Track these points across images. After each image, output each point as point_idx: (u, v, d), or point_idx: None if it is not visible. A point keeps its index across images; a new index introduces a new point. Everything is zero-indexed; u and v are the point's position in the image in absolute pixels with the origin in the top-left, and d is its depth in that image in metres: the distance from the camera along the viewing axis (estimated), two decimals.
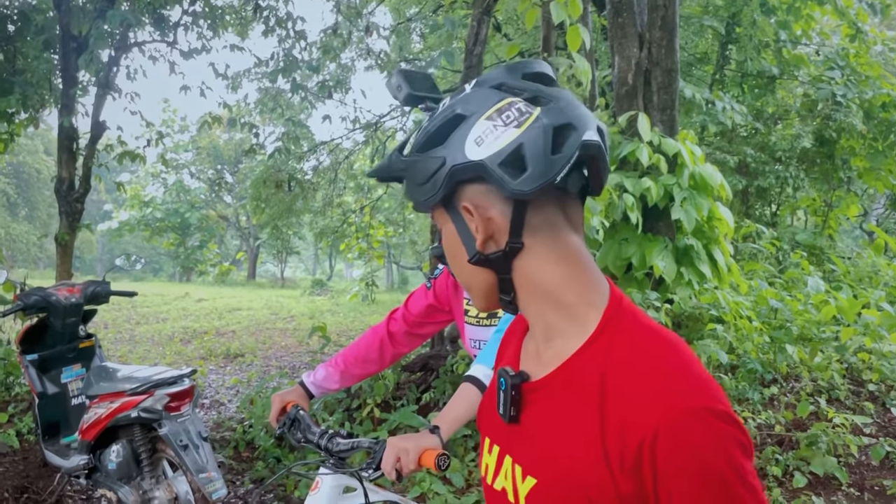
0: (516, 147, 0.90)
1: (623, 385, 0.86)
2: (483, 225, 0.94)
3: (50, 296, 4.08)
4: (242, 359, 10.46)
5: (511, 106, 0.92)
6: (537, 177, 0.90)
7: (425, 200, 0.97)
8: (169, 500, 3.65)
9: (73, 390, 4.19)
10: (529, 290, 0.97)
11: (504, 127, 0.91)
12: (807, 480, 3.80)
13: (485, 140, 0.91)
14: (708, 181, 5.79)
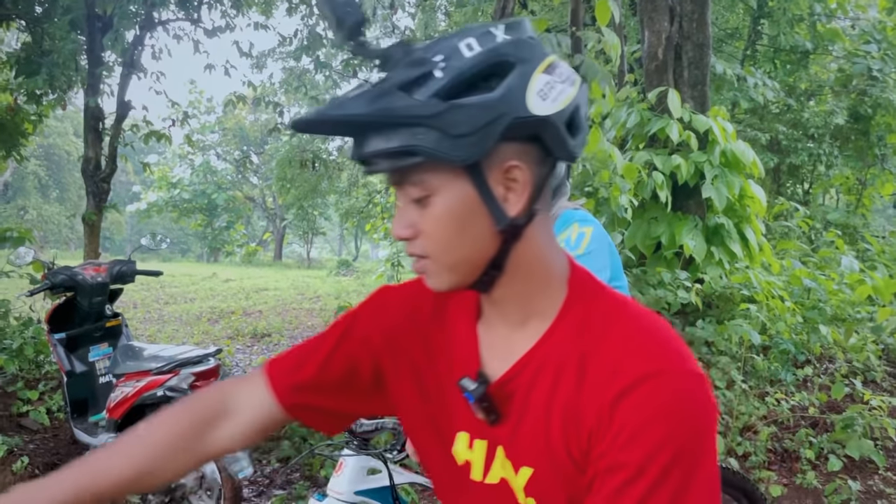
0: (575, 108, 0.85)
1: (602, 363, 0.83)
2: (523, 190, 0.85)
3: (77, 275, 4.10)
4: (269, 338, 10.52)
5: (559, 63, 0.86)
6: (585, 141, 0.88)
7: (462, 156, 0.81)
8: (195, 479, 3.66)
9: (101, 369, 4.22)
10: (521, 265, 0.89)
11: (562, 84, 0.84)
12: (842, 464, 3.71)
13: (549, 95, 0.83)
14: (740, 158, 5.65)
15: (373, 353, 1.04)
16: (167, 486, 3.64)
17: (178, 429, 1.00)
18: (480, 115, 0.81)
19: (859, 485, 3.55)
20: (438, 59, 0.82)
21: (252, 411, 1.03)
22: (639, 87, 6.09)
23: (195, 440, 1.00)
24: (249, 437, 1.04)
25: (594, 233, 1.90)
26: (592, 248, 1.87)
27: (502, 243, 0.87)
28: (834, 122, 8.52)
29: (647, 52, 6.01)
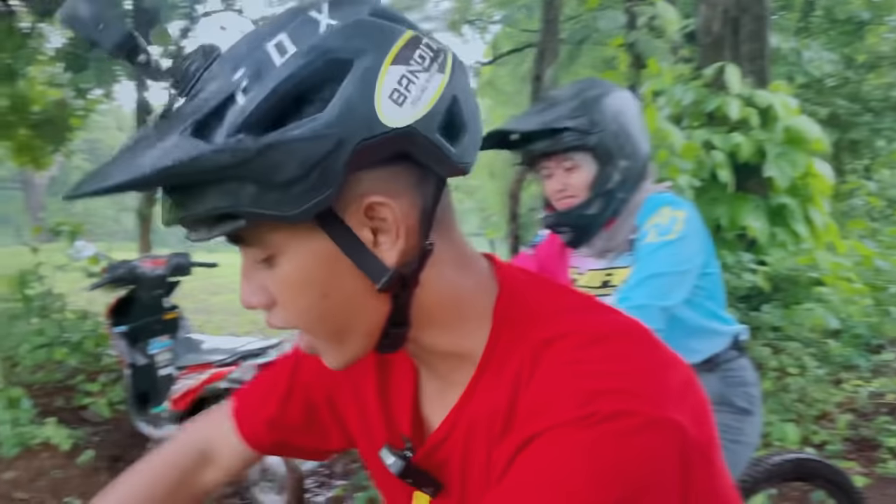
0: (451, 102, 0.62)
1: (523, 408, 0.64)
2: (401, 224, 0.64)
3: (136, 268, 4.10)
4: None
5: (417, 42, 0.62)
6: (478, 142, 0.66)
7: (298, 209, 0.60)
8: (259, 471, 3.65)
9: (161, 361, 4.22)
10: (431, 311, 0.69)
11: (426, 73, 0.61)
12: None
13: (408, 95, 0.60)
14: (803, 135, 5.43)
15: (325, 387, 0.92)
16: None
17: (160, 482, 0.95)
18: (311, 150, 0.58)
19: None
20: (240, 74, 0.59)
21: (230, 456, 0.99)
22: (693, 64, 5.89)
23: (179, 491, 0.95)
24: (233, 476, 1.02)
25: (687, 216, 1.78)
26: (686, 233, 1.76)
27: (393, 298, 0.67)
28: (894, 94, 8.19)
29: (702, 26, 5.81)
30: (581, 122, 1.80)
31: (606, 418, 0.58)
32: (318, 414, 0.94)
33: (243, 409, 1.00)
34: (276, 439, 0.98)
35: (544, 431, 0.60)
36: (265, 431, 0.98)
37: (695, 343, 1.89)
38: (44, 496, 3.58)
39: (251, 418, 0.98)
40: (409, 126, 0.60)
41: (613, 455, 0.57)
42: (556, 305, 0.70)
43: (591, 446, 0.58)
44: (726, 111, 5.24)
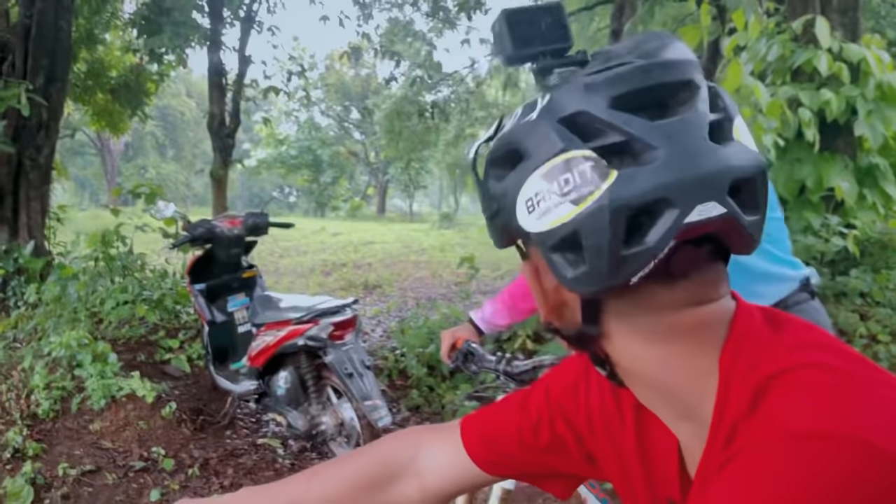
0: (571, 232, 0.64)
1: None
2: (549, 294, 0.73)
3: (215, 227, 4.17)
4: (381, 289, 10.68)
5: (573, 166, 0.63)
6: (599, 277, 0.64)
7: (502, 237, 0.73)
8: (335, 426, 3.70)
9: (239, 319, 4.32)
10: (631, 373, 0.74)
11: (560, 197, 0.64)
12: None
13: (537, 208, 0.65)
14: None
15: (578, 433, 0.91)
16: (308, 432, 3.70)
17: (365, 475, 0.99)
18: (489, 203, 0.72)
19: None
20: (504, 129, 0.72)
21: (440, 476, 0.99)
22: (779, 17, 5.60)
23: (379, 491, 0.99)
24: (436, 497, 1.00)
25: None
26: None
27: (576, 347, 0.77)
28: None
29: None
30: None
31: (828, 438, 0.55)
32: (565, 442, 0.92)
33: (477, 428, 1.00)
34: (504, 461, 0.97)
35: (759, 442, 0.59)
36: (496, 451, 0.97)
37: (761, 288, 1.87)
38: (130, 445, 3.72)
39: (483, 436, 0.98)
40: (531, 232, 0.67)
41: (829, 479, 0.54)
42: (788, 342, 0.67)
43: (806, 463, 0.55)
44: (815, 66, 4.98)
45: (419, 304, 8.45)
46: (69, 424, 3.80)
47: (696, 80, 0.66)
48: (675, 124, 0.62)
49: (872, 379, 0.61)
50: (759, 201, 0.66)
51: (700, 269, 0.68)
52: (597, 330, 0.71)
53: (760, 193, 0.66)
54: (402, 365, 5.07)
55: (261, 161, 30.66)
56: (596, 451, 0.90)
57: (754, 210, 0.66)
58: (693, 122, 0.63)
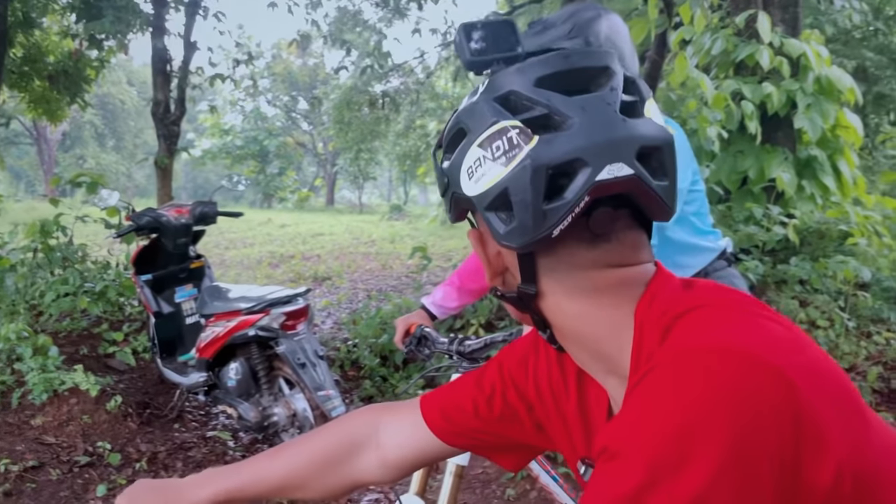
0: (502, 191, 0.73)
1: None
2: (492, 259, 0.83)
3: (161, 216, 4.08)
4: (330, 282, 10.60)
5: (502, 134, 0.73)
6: (525, 231, 0.73)
7: (450, 207, 0.82)
8: (287, 417, 3.67)
9: (187, 310, 4.23)
10: (562, 330, 0.82)
11: (492, 161, 0.74)
12: None
13: (475, 173, 0.76)
14: (835, 85, 5.30)
15: (529, 402, 0.99)
16: (259, 424, 3.65)
17: (330, 447, 1.04)
18: (441, 179, 0.82)
19: None
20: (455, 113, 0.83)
21: (399, 448, 1.04)
22: (722, 12, 5.73)
23: (341, 465, 1.03)
24: (392, 474, 1.06)
25: (678, 135, 1.85)
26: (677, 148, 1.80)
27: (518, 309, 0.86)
28: None
29: None
30: (576, 42, 1.81)
31: (720, 352, 0.65)
32: (517, 411, 0.99)
33: (436, 402, 1.04)
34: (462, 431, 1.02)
35: (661, 363, 0.67)
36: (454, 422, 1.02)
37: (685, 259, 1.97)
38: (74, 440, 3.61)
39: (442, 409, 1.03)
40: (471, 196, 0.76)
41: (721, 384, 0.62)
42: (696, 293, 0.76)
43: (702, 372, 0.63)
44: (757, 60, 5.11)
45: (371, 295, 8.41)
46: (10, 419, 3.68)
47: (613, 67, 0.76)
48: (590, 99, 0.73)
49: (763, 315, 0.72)
50: (666, 169, 0.75)
51: (620, 233, 0.77)
52: (533, 289, 0.79)
53: (668, 162, 0.75)
54: (355, 356, 5.05)
55: (206, 151, 30.03)
56: (545, 419, 0.97)
57: (663, 176, 0.75)
58: (606, 99, 0.73)
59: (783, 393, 0.62)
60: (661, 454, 0.60)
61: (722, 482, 0.58)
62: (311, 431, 1.10)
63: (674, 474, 0.59)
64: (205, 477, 1.04)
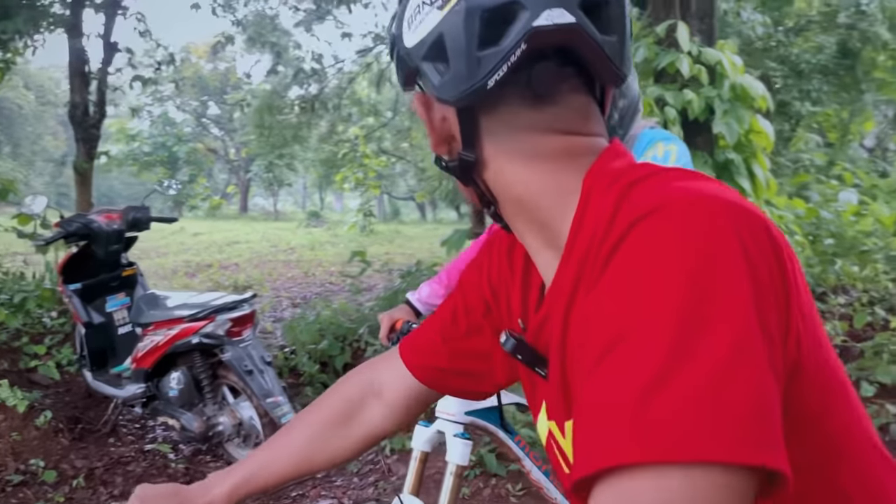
0: (437, 37, 0.69)
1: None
2: (437, 125, 0.76)
3: (92, 222, 3.91)
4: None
5: None
6: (459, 81, 0.68)
7: (399, 78, 0.78)
8: (233, 426, 3.59)
9: (119, 319, 4.08)
10: (504, 201, 0.77)
11: (429, 6, 0.69)
12: (874, 389, 3.79)
13: (413, 21, 0.72)
14: (749, 92, 5.61)
15: (486, 304, 0.95)
16: (204, 434, 3.56)
17: (330, 413, 1.02)
18: (392, 49, 0.78)
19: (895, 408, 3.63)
20: None
21: (396, 389, 1.01)
22: (644, 21, 5.97)
23: (347, 424, 1.01)
24: (399, 416, 1.03)
25: (679, 150, 1.93)
26: (680, 164, 1.92)
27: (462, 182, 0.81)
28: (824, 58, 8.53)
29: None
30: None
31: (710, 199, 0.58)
32: (479, 322, 0.95)
33: (411, 342, 1.02)
34: (432, 362, 0.99)
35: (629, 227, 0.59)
36: (424, 354, 1.00)
37: None
38: (5, 459, 3.42)
39: (416, 349, 1.01)
40: (411, 48, 0.72)
41: (678, 227, 0.56)
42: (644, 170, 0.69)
43: (703, 216, 0.57)
44: (678, 68, 5.35)
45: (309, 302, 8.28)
46: None
47: None
48: None
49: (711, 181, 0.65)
50: (613, 24, 0.69)
51: (567, 96, 0.72)
52: (473, 155, 0.74)
53: (615, 17, 0.69)
54: (293, 363, 4.97)
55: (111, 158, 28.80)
56: (499, 320, 0.93)
57: (609, 31, 0.69)
58: None
59: (770, 233, 0.58)
60: (681, 316, 0.52)
61: (751, 324, 0.52)
62: (312, 404, 1.06)
63: (702, 331, 0.51)
64: (215, 478, 1.01)
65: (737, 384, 0.50)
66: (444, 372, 0.99)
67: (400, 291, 5.36)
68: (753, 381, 0.51)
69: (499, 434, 2.02)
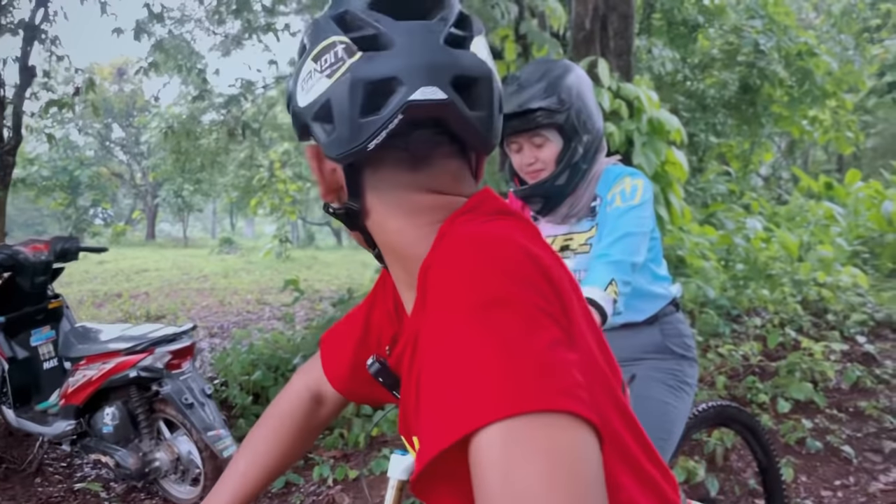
0: (325, 102, 0.78)
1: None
2: (327, 176, 0.86)
3: (18, 253, 3.74)
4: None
5: (331, 48, 0.78)
6: (343, 142, 0.78)
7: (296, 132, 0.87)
8: (170, 461, 3.49)
9: (45, 354, 3.90)
10: (383, 246, 0.87)
11: (320, 74, 0.79)
12: (790, 406, 4.04)
13: (305, 86, 0.81)
14: (665, 126, 5.93)
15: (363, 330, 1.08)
16: (140, 471, 3.45)
17: (286, 428, 1.12)
18: (288, 103, 0.86)
19: (810, 423, 3.89)
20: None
21: (334, 394, 1.14)
22: (567, 56, 6.23)
23: (304, 430, 1.13)
24: (340, 409, 1.18)
25: (644, 185, 2.00)
26: (645, 199, 1.98)
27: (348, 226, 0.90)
28: (728, 93, 9.08)
29: (575, 23, 6.16)
30: (551, 101, 1.97)
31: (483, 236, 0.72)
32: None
33: (328, 354, 1.13)
34: (351, 385, 1.10)
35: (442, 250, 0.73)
36: (347, 376, 1.10)
37: (642, 304, 2.11)
38: None
39: (335, 363, 1.12)
40: (303, 108, 0.81)
41: (473, 260, 0.68)
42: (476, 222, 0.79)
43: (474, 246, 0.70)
44: (600, 102, 5.60)
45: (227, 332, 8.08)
46: None
47: (449, 1, 0.81)
48: (417, 25, 0.77)
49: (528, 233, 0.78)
50: (483, 101, 0.79)
51: (441, 161, 0.82)
52: (358, 205, 0.84)
53: (485, 95, 0.80)
54: (224, 395, 4.86)
55: None
56: (367, 347, 1.06)
57: (477, 107, 0.79)
58: (432, 28, 0.77)
59: (529, 253, 0.69)
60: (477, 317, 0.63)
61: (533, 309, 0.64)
62: (258, 423, 1.15)
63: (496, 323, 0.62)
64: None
65: (531, 352, 0.61)
66: (352, 383, 1.10)
67: (334, 319, 5.34)
68: (542, 347, 0.61)
69: None
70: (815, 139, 10.86)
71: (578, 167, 2.03)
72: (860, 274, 5.34)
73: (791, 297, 5.28)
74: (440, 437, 0.60)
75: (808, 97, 9.37)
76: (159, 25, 7.81)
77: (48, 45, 6.17)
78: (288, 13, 8.59)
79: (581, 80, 2.02)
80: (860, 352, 4.68)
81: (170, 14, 7.74)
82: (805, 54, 9.24)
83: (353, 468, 3.82)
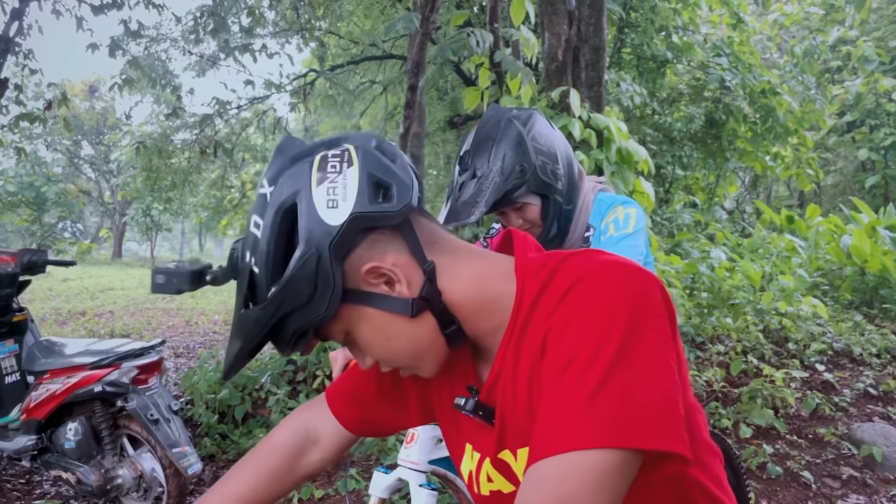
0: (368, 177, 0.83)
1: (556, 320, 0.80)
2: (396, 271, 0.86)
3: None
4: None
5: (325, 159, 0.85)
6: (409, 184, 0.86)
7: (327, 308, 0.84)
8: (133, 479, 3.45)
9: (6, 368, 3.83)
10: (464, 304, 0.90)
11: (341, 175, 0.83)
12: (752, 431, 4.12)
13: (337, 197, 0.82)
14: (633, 156, 6.06)
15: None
16: (102, 488, 3.41)
17: (274, 465, 1.11)
18: (305, 270, 0.82)
19: (770, 448, 3.97)
20: (247, 257, 0.86)
21: (331, 438, 1.14)
22: (539, 86, 6.35)
23: (288, 474, 1.11)
24: (334, 458, 1.17)
25: (637, 213, 2.00)
26: (638, 227, 1.97)
27: (432, 312, 0.89)
28: (694, 127, 9.31)
29: (548, 54, 6.29)
30: (513, 179, 1.85)
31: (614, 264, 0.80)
32: (405, 388, 1.11)
33: (335, 390, 1.15)
34: (361, 415, 1.13)
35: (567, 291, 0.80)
36: (353, 408, 1.13)
37: None
38: None
39: (341, 397, 1.14)
40: (351, 214, 0.82)
41: (611, 286, 0.77)
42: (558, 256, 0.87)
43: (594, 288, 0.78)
44: (570, 131, 5.72)
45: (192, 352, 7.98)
46: None
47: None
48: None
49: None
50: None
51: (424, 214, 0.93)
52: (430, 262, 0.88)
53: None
54: (189, 413, 4.82)
55: None
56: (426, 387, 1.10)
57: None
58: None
59: (661, 289, 0.79)
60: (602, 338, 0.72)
61: (662, 349, 0.74)
62: (247, 455, 1.13)
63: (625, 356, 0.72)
64: None
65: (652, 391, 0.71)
66: (370, 421, 1.14)
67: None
68: (663, 387, 0.72)
69: (457, 483, 2.03)
70: (778, 175, 11.15)
71: (563, 211, 1.96)
72: (820, 304, 5.48)
73: (753, 326, 5.40)
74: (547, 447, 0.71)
75: (771, 133, 9.63)
76: (134, 43, 7.82)
77: (21, 58, 6.14)
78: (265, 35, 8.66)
79: (529, 130, 1.88)
80: (819, 380, 4.80)
81: (146, 32, 7.76)
82: (768, 92, 9.52)
83: (318, 488, 3.81)
